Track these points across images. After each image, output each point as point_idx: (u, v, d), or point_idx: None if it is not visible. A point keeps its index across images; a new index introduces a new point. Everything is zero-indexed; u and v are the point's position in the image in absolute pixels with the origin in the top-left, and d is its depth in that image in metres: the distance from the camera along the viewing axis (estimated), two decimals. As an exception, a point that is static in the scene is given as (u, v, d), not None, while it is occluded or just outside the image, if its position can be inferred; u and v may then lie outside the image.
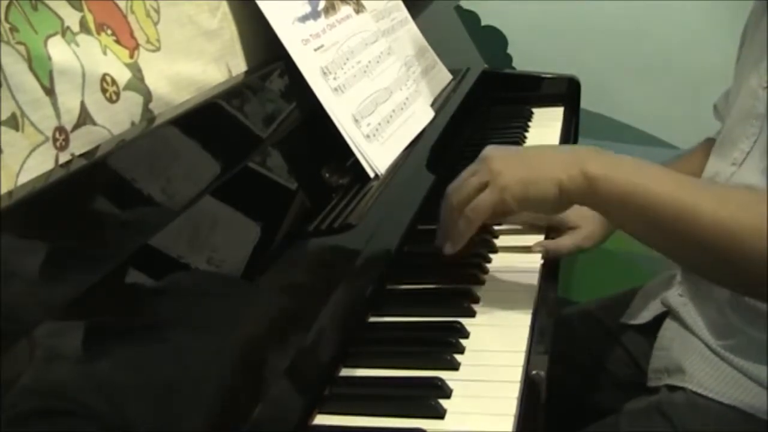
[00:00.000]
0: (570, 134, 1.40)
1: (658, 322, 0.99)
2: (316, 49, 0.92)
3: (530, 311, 0.80)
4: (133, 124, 0.70)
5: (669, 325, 0.97)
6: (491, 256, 0.93)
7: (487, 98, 1.49)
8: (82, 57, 0.65)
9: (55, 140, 0.61)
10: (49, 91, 0.61)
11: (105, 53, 0.69)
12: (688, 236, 0.72)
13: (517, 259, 0.92)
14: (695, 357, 0.90)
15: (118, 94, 0.69)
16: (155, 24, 0.76)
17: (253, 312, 0.69)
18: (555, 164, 0.76)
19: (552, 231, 1.00)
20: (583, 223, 1.00)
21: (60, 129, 0.62)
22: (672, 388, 0.91)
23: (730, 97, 1.01)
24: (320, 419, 0.67)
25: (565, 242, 0.97)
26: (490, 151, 0.81)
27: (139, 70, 0.72)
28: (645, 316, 1.03)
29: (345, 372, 0.73)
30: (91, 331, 0.52)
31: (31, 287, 0.49)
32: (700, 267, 0.80)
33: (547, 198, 0.77)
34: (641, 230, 0.78)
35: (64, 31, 0.64)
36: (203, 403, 0.58)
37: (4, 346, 0.45)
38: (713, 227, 0.70)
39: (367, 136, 0.93)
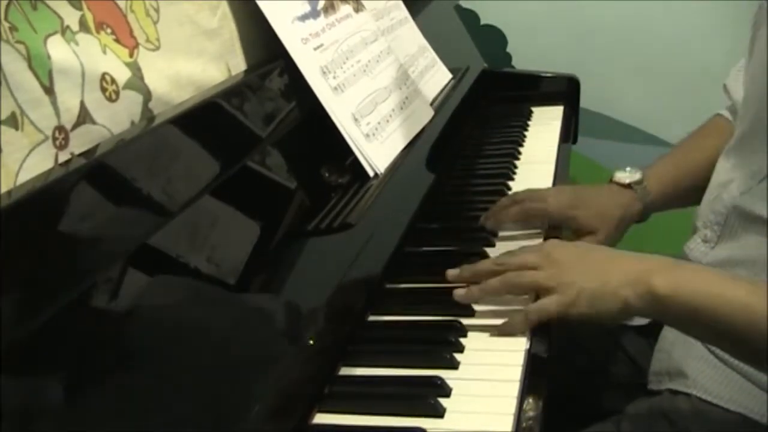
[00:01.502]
0: (569, 133, 1.40)
1: (657, 324, 0.99)
2: (315, 48, 0.92)
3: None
4: (132, 123, 0.70)
5: (670, 327, 0.96)
6: (492, 254, 0.93)
7: (487, 97, 1.49)
8: (82, 56, 0.65)
9: (54, 139, 0.61)
10: (49, 90, 0.61)
11: (104, 52, 0.68)
12: (760, 343, 0.73)
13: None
14: (698, 361, 0.89)
15: (117, 93, 0.69)
16: (155, 23, 0.76)
17: (253, 311, 0.69)
18: (621, 279, 0.76)
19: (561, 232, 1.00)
20: (600, 225, 0.99)
21: (59, 128, 0.62)
22: (675, 392, 0.91)
23: (745, 92, 0.98)
24: (320, 418, 0.67)
25: None
26: (558, 252, 0.80)
27: (139, 69, 0.72)
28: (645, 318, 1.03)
29: (345, 371, 0.73)
30: (90, 331, 0.52)
31: (30, 287, 0.49)
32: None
33: (610, 314, 0.77)
34: (710, 338, 0.80)
35: (64, 30, 0.64)
36: (202, 402, 0.58)
37: (4, 344, 0.45)
38: None
39: (367, 135, 0.93)
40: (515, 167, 1.21)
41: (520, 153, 1.27)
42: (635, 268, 0.77)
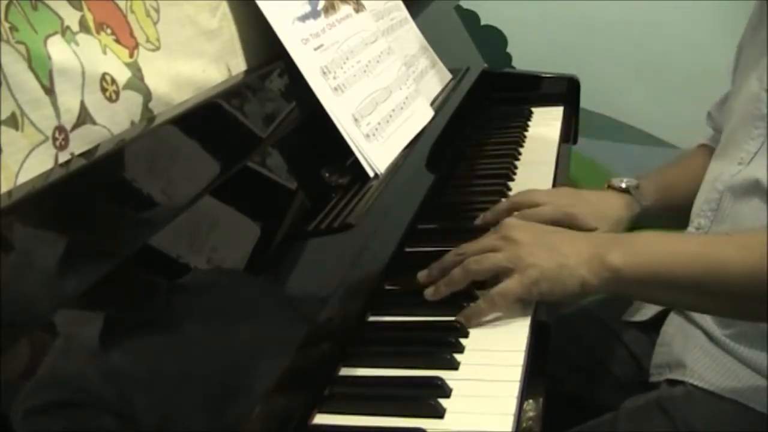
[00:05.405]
0: (570, 134, 1.40)
1: (659, 319, 1.00)
2: (315, 49, 0.92)
3: (530, 310, 0.80)
4: (132, 123, 0.70)
5: (672, 321, 0.97)
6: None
7: (487, 98, 1.49)
8: (82, 56, 0.65)
9: (54, 140, 0.61)
10: (49, 91, 0.61)
11: (105, 53, 0.69)
12: (719, 289, 0.75)
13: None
14: (696, 350, 0.90)
15: (117, 93, 0.69)
16: (155, 23, 0.76)
17: (253, 312, 0.69)
18: (577, 259, 0.77)
19: None
20: (597, 224, 1.00)
21: (60, 128, 0.62)
22: (672, 383, 0.91)
23: (730, 103, 1.02)
24: (320, 419, 0.67)
25: None
26: (516, 232, 0.81)
27: (139, 70, 0.72)
28: (647, 313, 1.03)
29: (345, 371, 0.73)
30: (90, 332, 0.52)
31: (30, 287, 0.49)
32: (734, 313, 0.82)
33: (569, 294, 0.78)
34: (672, 299, 0.83)
35: (64, 31, 0.64)
36: (203, 402, 0.58)
37: (4, 346, 0.45)
38: (743, 275, 0.73)
39: (367, 136, 0.93)
40: (515, 168, 1.21)
41: (520, 153, 1.27)
42: (589, 248, 0.78)
